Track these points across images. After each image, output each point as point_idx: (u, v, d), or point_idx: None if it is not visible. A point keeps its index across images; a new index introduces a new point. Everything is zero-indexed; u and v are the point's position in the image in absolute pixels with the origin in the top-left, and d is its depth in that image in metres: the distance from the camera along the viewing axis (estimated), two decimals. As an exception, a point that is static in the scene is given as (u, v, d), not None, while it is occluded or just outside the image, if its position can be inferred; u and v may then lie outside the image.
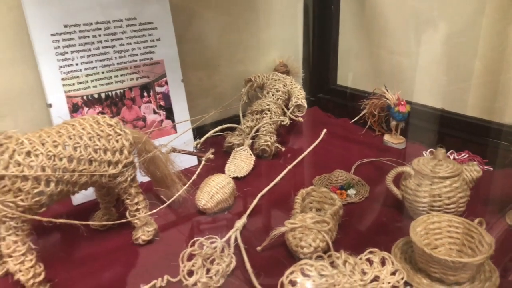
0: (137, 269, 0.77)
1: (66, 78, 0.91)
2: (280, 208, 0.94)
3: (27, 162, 0.65)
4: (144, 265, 0.77)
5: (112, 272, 0.76)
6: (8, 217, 0.65)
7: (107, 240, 0.84)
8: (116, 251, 0.81)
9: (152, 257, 0.79)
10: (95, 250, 0.81)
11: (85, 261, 0.79)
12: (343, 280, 0.61)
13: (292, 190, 0.99)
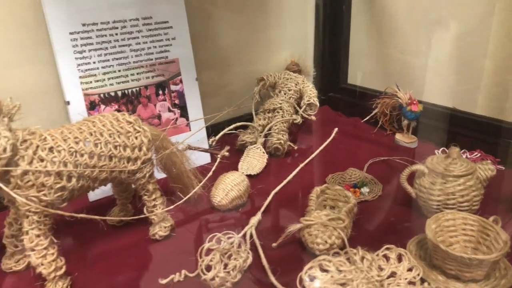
0: (155, 264, 0.78)
1: (84, 76, 0.93)
2: (294, 206, 0.95)
3: (50, 158, 0.66)
4: (161, 260, 0.79)
5: (130, 267, 0.77)
6: (31, 212, 0.66)
7: (124, 235, 0.85)
8: (133, 247, 0.82)
9: (169, 252, 0.80)
10: (113, 246, 0.82)
11: (103, 256, 0.80)
12: (360, 275, 0.61)
13: (306, 188, 0.99)
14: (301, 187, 1.01)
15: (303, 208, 0.87)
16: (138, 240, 0.84)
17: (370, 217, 0.89)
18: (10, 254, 0.76)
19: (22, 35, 0.90)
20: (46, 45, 0.91)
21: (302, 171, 1.08)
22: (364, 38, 1.44)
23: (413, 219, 0.87)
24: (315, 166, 1.12)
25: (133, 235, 0.85)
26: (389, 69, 1.39)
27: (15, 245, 0.75)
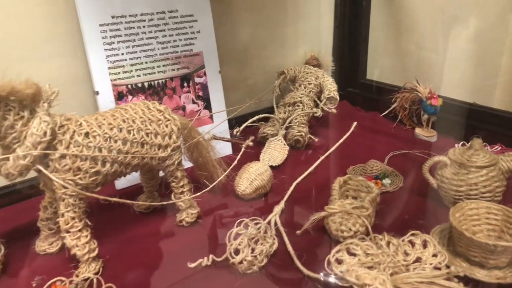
0: (182, 249, 0.80)
1: (112, 67, 0.95)
2: (316, 196, 0.96)
3: (86, 143, 0.69)
4: (188, 245, 0.81)
5: (158, 251, 0.80)
6: (67, 195, 0.69)
7: (152, 222, 0.88)
8: (161, 233, 0.85)
9: (196, 238, 0.82)
10: (141, 231, 0.85)
11: (132, 240, 0.82)
12: (387, 259, 0.63)
13: (327, 180, 1.01)
14: (322, 179, 1.03)
15: (325, 198, 0.88)
16: (165, 226, 0.86)
17: (392, 207, 0.90)
18: (44, 237, 0.79)
19: (55, 28, 0.93)
20: (77, 37, 0.94)
21: (322, 163, 1.10)
22: (382, 34, 1.45)
23: (434, 210, 0.89)
24: (336, 158, 1.14)
25: (161, 221, 0.88)
26: (407, 65, 1.40)
27: (49, 228, 0.78)
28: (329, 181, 0.96)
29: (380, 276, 0.59)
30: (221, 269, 0.73)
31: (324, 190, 0.97)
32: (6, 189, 0.94)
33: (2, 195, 0.94)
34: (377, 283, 0.58)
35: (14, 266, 0.76)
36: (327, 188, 0.94)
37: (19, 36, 0.89)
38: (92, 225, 0.73)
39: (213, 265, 0.74)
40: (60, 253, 0.79)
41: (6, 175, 0.65)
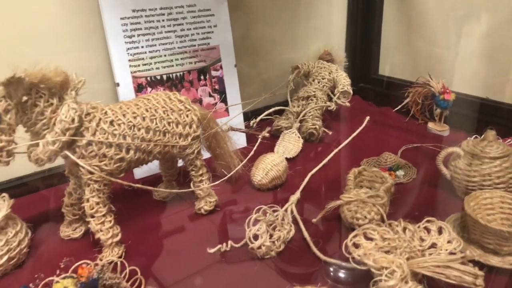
0: (201, 236, 0.82)
1: (133, 59, 0.98)
2: (330, 187, 0.98)
3: (111, 130, 0.71)
4: (207, 232, 0.83)
5: (178, 237, 0.82)
6: (92, 180, 0.71)
7: (171, 210, 0.90)
8: (180, 220, 0.87)
9: (214, 225, 0.85)
10: (161, 219, 0.87)
11: (152, 227, 0.85)
12: (403, 244, 0.65)
13: (341, 172, 1.03)
14: (336, 171, 1.05)
15: (340, 189, 0.90)
16: (184, 214, 0.89)
17: (406, 198, 0.92)
18: (68, 222, 0.81)
19: (78, 22, 0.96)
20: (98, 31, 0.96)
21: (336, 156, 1.12)
22: (394, 30, 1.47)
23: (447, 200, 0.90)
24: (349, 151, 1.15)
25: (179, 209, 0.90)
26: (419, 61, 1.41)
27: (73, 214, 0.80)
28: (343, 173, 0.98)
29: (397, 260, 0.61)
30: (239, 254, 0.75)
31: (338, 182, 0.99)
32: (31, 177, 0.97)
33: (28, 183, 0.97)
34: (394, 266, 0.60)
35: (40, 249, 0.79)
36: (341, 180, 0.96)
37: (44, 31, 0.92)
38: (115, 211, 0.76)
39: (232, 250, 0.76)
40: (83, 238, 0.81)
41: (35, 160, 0.67)
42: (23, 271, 0.73)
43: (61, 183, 0.93)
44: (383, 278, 0.59)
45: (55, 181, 0.97)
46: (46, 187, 0.97)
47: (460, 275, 0.61)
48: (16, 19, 0.89)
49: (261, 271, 0.72)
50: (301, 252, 0.76)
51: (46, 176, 0.97)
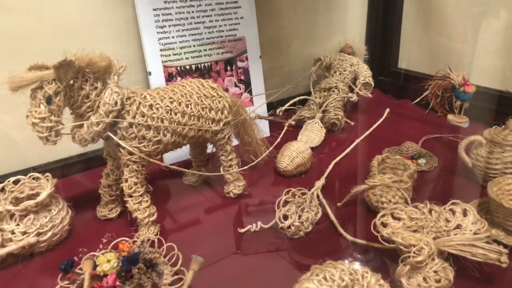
0: (231, 217, 0.86)
1: (164, 49, 1.02)
2: (353, 174, 1.01)
3: (150, 114, 0.75)
4: (237, 214, 0.87)
5: (209, 219, 0.86)
6: (131, 161, 0.75)
7: (200, 194, 0.94)
8: (210, 203, 0.91)
9: (242, 208, 0.88)
10: (192, 202, 0.91)
11: (184, 209, 0.89)
12: (430, 224, 0.67)
13: (363, 161, 1.06)
14: (359, 160, 1.08)
15: (362, 176, 0.93)
16: (213, 197, 0.92)
17: (428, 185, 0.94)
18: (104, 203, 0.85)
19: (113, 13, 1.00)
20: (132, 22, 1.00)
21: (358, 146, 1.14)
22: (413, 25, 1.49)
23: (469, 187, 0.92)
24: (370, 141, 1.18)
25: (208, 193, 0.94)
26: (437, 55, 1.43)
27: (110, 195, 0.84)
28: (365, 162, 1.01)
29: (424, 238, 0.64)
30: (269, 234, 0.79)
31: (361, 170, 1.02)
32: (70, 160, 1.02)
33: (67, 166, 1.02)
34: (422, 244, 0.63)
35: (80, 228, 0.83)
36: (364, 168, 0.99)
37: (81, 22, 0.97)
38: (151, 191, 0.80)
39: (261, 231, 0.79)
40: (119, 219, 0.85)
41: (79, 141, 0.71)
42: (66, 246, 0.78)
43: (98, 166, 0.98)
44: (411, 255, 0.62)
45: (92, 164, 1.01)
46: (84, 170, 1.02)
47: (485, 252, 0.64)
48: (54, 10, 0.93)
49: (291, 250, 0.75)
50: (328, 233, 0.79)
51: (84, 160, 1.02)
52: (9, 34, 0.90)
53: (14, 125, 0.92)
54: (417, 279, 0.63)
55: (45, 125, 0.65)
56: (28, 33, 0.91)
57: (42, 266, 0.73)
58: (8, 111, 0.92)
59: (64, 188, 0.89)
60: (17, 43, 0.91)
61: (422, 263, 0.62)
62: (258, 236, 0.79)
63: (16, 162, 0.96)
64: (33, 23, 0.92)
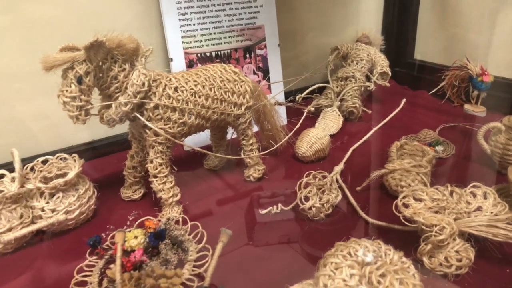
0: (252, 200, 0.87)
1: (185, 36, 1.03)
2: (371, 161, 1.02)
3: (175, 96, 0.77)
4: (257, 197, 0.88)
5: (231, 201, 0.87)
6: (157, 142, 0.77)
7: (221, 177, 0.95)
8: (231, 186, 0.92)
9: (263, 191, 0.90)
10: (213, 185, 0.93)
11: (205, 192, 0.90)
12: (451, 205, 0.68)
13: (381, 148, 1.06)
14: (376, 147, 1.09)
15: (380, 163, 0.94)
16: (234, 181, 0.94)
17: (446, 171, 0.95)
18: (128, 184, 0.87)
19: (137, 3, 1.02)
20: (154, 9, 1.02)
21: (375, 134, 1.15)
22: (430, 16, 1.49)
23: (487, 174, 0.93)
24: (388, 129, 1.19)
25: (229, 177, 0.95)
26: (453, 46, 1.43)
27: (134, 176, 0.86)
28: (382, 150, 1.02)
29: (446, 218, 0.65)
30: (290, 216, 0.80)
31: (378, 157, 1.03)
32: (95, 143, 1.05)
33: (91, 149, 1.05)
34: (444, 224, 0.64)
35: (105, 208, 0.85)
36: (381, 155, 1.00)
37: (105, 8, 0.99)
38: (175, 172, 0.82)
39: (281, 213, 0.81)
40: (142, 200, 0.87)
41: (107, 121, 0.73)
42: (92, 225, 0.80)
43: (121, 150, 1.00)
44: (433, 234, 0.64)
45: (115, 148, 1.04)
46: (108, 154, 1.05)
47: (506, 233, 0.65)
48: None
49: (311, 230, 0.77)
50: (348, 216, 0.81)
51: (108, 143, 1.04)
52: (35, 21, 0.92)
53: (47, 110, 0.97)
54: (438, 258, 0.64)
55: (75, 104, 0.67)
56: (52, 21, 0.94)
57: (71, 242, 0.75)
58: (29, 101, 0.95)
59: (88, 171, 0.91)
60: (42, 31, 0.93)
61: (444, 242, 0.64)
62: (279, 217, 0.80)
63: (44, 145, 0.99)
64: (58, 11, 0.94)
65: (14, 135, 0.96)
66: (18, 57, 0.92)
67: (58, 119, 0.96)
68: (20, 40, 0.91)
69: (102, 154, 1.04)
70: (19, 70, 0.92)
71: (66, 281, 0.65)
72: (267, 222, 0.79)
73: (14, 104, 0.94)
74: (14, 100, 0.94)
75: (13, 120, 0.95)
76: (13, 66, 0.92)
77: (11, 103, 0.94)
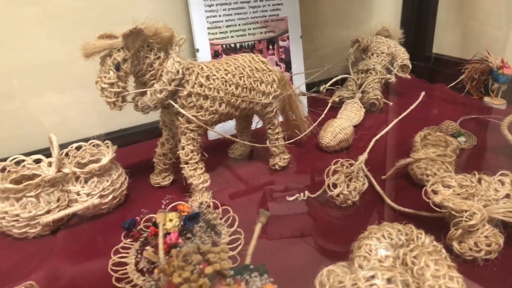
0: (278, 187, 0.89)
1: (211, 27, 1.05)
2: (395, 151, 1.03)
3: (207, 84, 0.78)
4: (284, 184, 0.90)
5: (257, 188, 0.89)
6: (189, 129, 0.79)
7: (246, 166, 0.97)
8: (257, 174, 0.94)
9: (289, 179, 0.91)
10: (239, 172, 0.95)
11: (232, 180, 0.92)
12: (480, 192, 0.70)
13: (403, 139, 1.07)
14: (399, 138, 1.10)
15: (403, 153, 0.95)
16: (259, 169, 0.96)
17: (470, 162, 0.96)
18: (158, 171, 0.89)
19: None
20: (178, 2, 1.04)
21: (397, 125, 1.16)
22: (448, 10, 1.49)
23: (511, 164, 0.94)
24: (409, 121, 1.20)
25: (254, 166, 0.97)
26: (471, 41, 1.44)
27: (164, 163, 0.88)
28: (404, 141, 1.03)
29: (476, 204, 0.67)
30: (317, 203, 0.82)
31: (401, 148, 1.04)
32: (127, 131, 1.08)
33: (124, 136, 1.08)
34: (474, 209, 0.65)
35: (136, 193, 0.87)
36: (404, 146, 1.01)
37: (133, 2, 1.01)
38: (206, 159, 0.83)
39: (308, 200, 0.82)
40: (171, 186, 0.90)
41: (142, 108, 0.75)
42: (124, 209, 0.82)
43: (151, 138, 1.02)
44: (463, 219, 0.65)
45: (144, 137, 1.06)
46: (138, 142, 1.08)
47: (536, 219, 0.66)
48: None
49: (339, 217, 0.78)
50: (375, 203, 0.82)
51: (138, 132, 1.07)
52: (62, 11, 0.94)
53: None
54: (468, 243, 0.66)
55: (113, 90, 0.69)
56: (80, 10, 0.96)
57: (105, 226, 0.77)
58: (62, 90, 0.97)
59: (118, 158, 0.94)
60: (70, 20, 0.95)
61: (474, 228, 0.65)
62: (306, 204, 0.82)
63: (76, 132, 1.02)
64: (84, 1, 0.96)
65: (47, 123, 0.99)
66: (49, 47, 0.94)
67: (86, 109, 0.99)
68: (50, 30, 0.94)
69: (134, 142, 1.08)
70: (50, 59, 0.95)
71: (104, 262, 0.67)
72: (295, 209, 0.81)
73: (48, 94, 0.97)
74: (48, 90, 0.97)
75: (46, 110, 0.98)
76: (42, 57, 0.94)
77: (46, 93, 0.97)
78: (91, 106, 1.01)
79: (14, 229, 0.73)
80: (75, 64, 0.79)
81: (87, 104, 1.01)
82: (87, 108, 1.02)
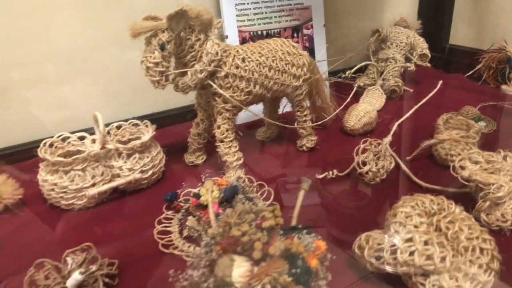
0: (307, 167, 0.93)
1: (239, 14, 1.09)
2: (417, 135, 1.06)
3: (243, 66, 0.82)
4: (312, 164, 0.94)
5: (288, 167, 0.93)
6: (225, 109, 0.83)
7: (274, 147, 1.01)
8: (285, 154, 0.98)
9: (316, 159, 0.95)
10: (268, 153, 0.99)
11: (262, 159, 0.96)
12: (506, 168, 0.73)
13: (425, 124, 1.10)
14: (420, 122, 1.12)
15: (426, 136, 0.98)
16: (287, 150, 1.00)
17: (492, 145, 0.99)
18: (192, 150, 0.93)
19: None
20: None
21: (417, 112, 1.19)
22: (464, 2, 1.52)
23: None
24: (428, 108, 1.22)
25: (282, 147, 1.01)
26: (488, 32, 1.47)
27: (198, 143, 0.92)
28: (426, 125, 1.06)
29: (503, 178, 0.70)
30: (346, 181, 0.86)
31: (423, 132, 1.07)
32: (157, 115, 1.13)
33: (160, 118, 1.12)
34: (502, 182, 0.69)
35: (172, 171, 0.91)
36: (426, 130, 1.04)
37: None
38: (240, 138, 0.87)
39: (336, 178, 0.86)
40: (204, 165, 0.93)
41: (182, 88, 0.79)
42: (163, 185, 0.86)
43: (184, 121, 1.07)
44: (491, 191, 0.68)
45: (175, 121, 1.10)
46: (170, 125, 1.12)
47: (559, 192, 0.69)
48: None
49: (369, 193, 0.82)
50: (402, 181, 0.86)
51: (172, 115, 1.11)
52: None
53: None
54: (495, 215, 0.69)
55: (158, 69, 0.73)
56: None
57: (146, 199, 0.82)
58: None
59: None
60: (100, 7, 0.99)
61: (502, 200, 0.68)
62: (336, 181, 0.86)
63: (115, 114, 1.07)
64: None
65: (88, 105, 1.04)
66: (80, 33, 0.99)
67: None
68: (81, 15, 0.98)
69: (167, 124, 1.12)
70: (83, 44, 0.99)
71: (149, 231, 0.71)
72: (326, 186, 0.85)
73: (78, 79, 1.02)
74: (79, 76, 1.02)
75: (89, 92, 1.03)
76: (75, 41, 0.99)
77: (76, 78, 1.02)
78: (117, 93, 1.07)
79: (62, 201, 0.77)
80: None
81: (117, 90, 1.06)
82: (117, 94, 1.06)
